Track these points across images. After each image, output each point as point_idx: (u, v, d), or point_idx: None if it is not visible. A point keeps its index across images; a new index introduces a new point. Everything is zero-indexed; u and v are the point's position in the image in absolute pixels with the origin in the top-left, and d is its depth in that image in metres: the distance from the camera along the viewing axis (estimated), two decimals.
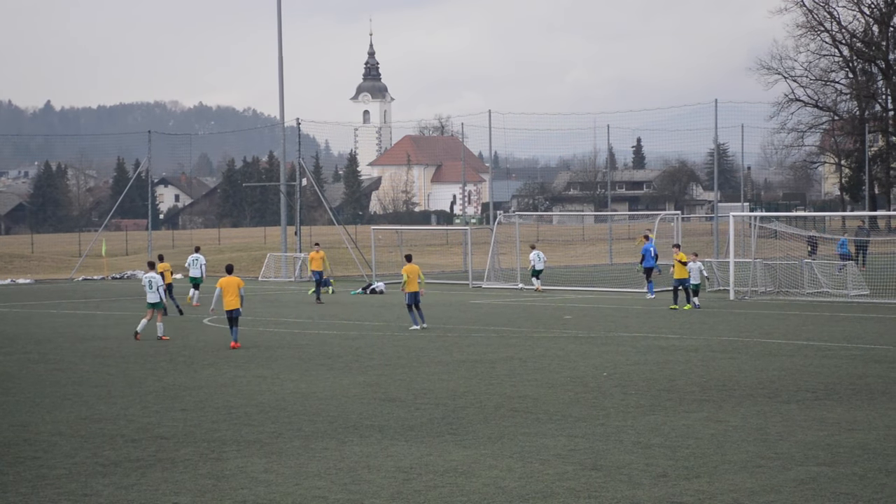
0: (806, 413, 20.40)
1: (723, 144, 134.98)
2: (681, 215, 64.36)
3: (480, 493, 14.78)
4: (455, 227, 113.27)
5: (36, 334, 36.87)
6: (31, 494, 15.21)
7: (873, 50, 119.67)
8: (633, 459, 16.69)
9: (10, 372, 27.91)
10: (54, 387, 25.23)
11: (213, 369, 27.69)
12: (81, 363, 29.25)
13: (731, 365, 27.07)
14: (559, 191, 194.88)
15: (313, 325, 38.78)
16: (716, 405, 21.34)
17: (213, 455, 17.50)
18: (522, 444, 17.92)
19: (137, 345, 33.24)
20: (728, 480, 15.30)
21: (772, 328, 35.84)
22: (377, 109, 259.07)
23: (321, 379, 25.70)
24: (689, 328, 35.73)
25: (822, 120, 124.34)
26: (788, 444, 17.63)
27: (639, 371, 26.12)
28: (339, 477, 15.86)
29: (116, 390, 24.51)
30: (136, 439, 18.86)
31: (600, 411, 20.88)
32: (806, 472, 15.72)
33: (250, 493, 15.06)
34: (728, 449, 17.34)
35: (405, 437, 18.64)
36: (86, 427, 20.08)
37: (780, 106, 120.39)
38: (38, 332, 37.37)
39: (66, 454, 17.77)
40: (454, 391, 23.51)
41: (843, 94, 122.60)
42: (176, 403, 22.55)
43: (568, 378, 25.20)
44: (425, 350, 30.97)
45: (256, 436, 19.00)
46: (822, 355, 28.77)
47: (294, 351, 31.36)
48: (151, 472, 16.38)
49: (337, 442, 18.34)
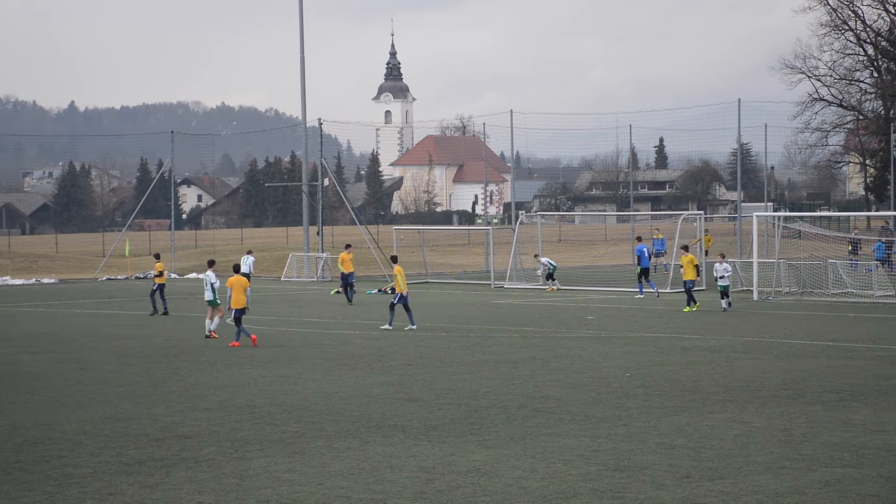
0: (831, 414, 20.34)
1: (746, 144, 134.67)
2: (703, 215, 64.26)
3: (503, 494, 14.79)
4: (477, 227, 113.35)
5: (60, 334, 37.03)
6: (56, 493, 15.28)
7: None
8: (656, 460, 16.68)
9: (35, 371, 28.04)
10: (79, 386, 25.34)
11: (236, 369, 27.77)
12: (105, 363, 29.36)
13: (755, 366, 27.02)
14: (581, 191, 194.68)
15: (335, 325, 38.84)
16: (740, 406, 21.30)
17: (237, 454, 17.54)
18: (545, 445, 17.92)
19: (161, 344, 33.35)
20: (752, 482, 15.28)
21: (796, 329, 35.75)
22: (399, 109, 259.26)
23: (344, 379, 25.74)
24: (712, 329, 35.66)
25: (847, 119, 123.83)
26: (813, 446, 17.59)
27: (662, 372, 26.10)
28: (362, 477, 15.89)
29: (140, 390, 24.59)
30: (159, 438, 18.92)
31: (623, 412, 20.87)
32: (831, 474, 15.68)
33: (273, 492, 15.10)
34: (752, 450, 17.31)
35: (428, 437, 18.65)
36: (110, 426, 20.15)
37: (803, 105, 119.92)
38: (62, 332, 37.53)
39: (90, 453, 17.84)
40: (476, 391, 23.52)
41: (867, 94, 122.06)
42: (199, 403, 22.62)
43: (591, 378, 25.19)
44: (447, 350, 30.99)
45: (279, 435, 19.03)
46: (847, 356, 28.70)
47: (316, 350, 31.42)
48: (175, 472, 16.43)
49: (360, 442, 18.37)
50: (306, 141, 74.10)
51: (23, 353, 31.90)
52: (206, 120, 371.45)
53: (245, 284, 33.04)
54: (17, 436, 19.43)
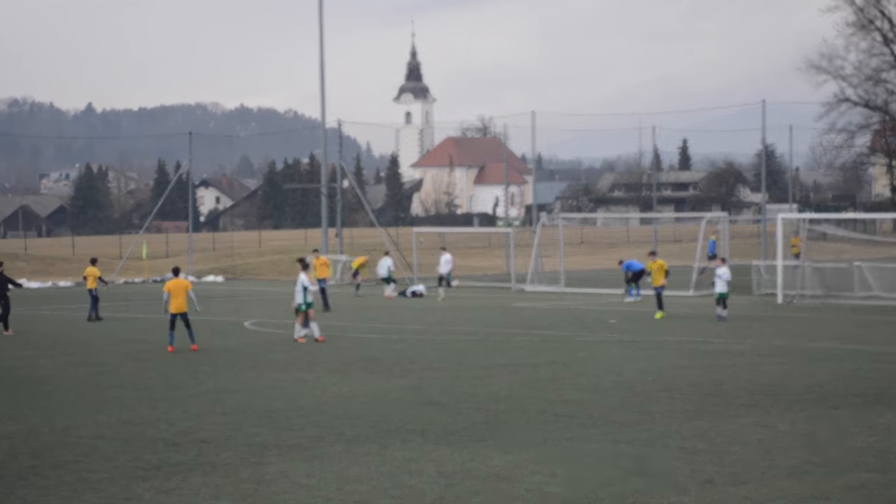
0: (856, 418, 20.30)
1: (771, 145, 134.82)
2: (728, 217, 64.20)
3: (523, 499, 14.80)
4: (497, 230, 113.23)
5: (77, 337, 37.18)
6: (72, 498, 15.33)
7: None
8: (679, 465, 16.67)
9: (51, 375, 28.15)
10: (95, 390, 25.43)
11: (254, 373, 27.83)
12: (122, 366, 29.46)
13: (779, 369, 26.98)
14: (604, 192, 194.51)
15: (354, 329, 38.90)
16: (763, 410, 21.28)
17: (254, 459, 17.58)
18: (566, 450, 17.92)
19: (178, 348, 33.39)
20: (776, 486, 15.26)
21: (820, 332, 35.69)
22: (419, 110, 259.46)
23: (362, 382, 25.77)
24: (734, 332, 35.61)
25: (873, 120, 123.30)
26: (837, 450, 17.56)
27: (684, 375, 26.07)
28: (381, 482, 15.91)
29: (157, 394, 24.66)
30: (176, 443, 18.97)
31: (645, 416, 20.85)
32: (856, 479, 15.66)
33: (291, 497, 15.13)
34: (776, 455, 17.29)
35: (447, 442, 18.66)
36: (127, 430, 20.21)
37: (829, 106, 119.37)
38: (79, 335, 37.68)
39: (107, 458, 17.89)
40: (496, 395, 23.53)
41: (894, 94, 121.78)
42: (217, 407, 22.67)
43: (612, 382, 25.18)
44: (467, 354, 31.01)
45: (297, 440, 19.07)
46: (872, 359, 28.64)
47: (335, 354, 31.46)
48: (192, 477, 16.47)
49: (378, 446, 18.39)
50: (325, 142, 74.21)
51: (40, 357, 32.05)
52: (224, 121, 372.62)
53: (187, 287, 32.29)
54: (34, 440, 19.50)
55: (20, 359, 31.70)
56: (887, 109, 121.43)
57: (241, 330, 39.19)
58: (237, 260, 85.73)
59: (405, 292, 55.78)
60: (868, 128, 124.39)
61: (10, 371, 29.11)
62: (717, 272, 39.43)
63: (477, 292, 57.97)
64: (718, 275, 39.20)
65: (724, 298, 38.78)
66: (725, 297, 38.79)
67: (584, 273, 68.86)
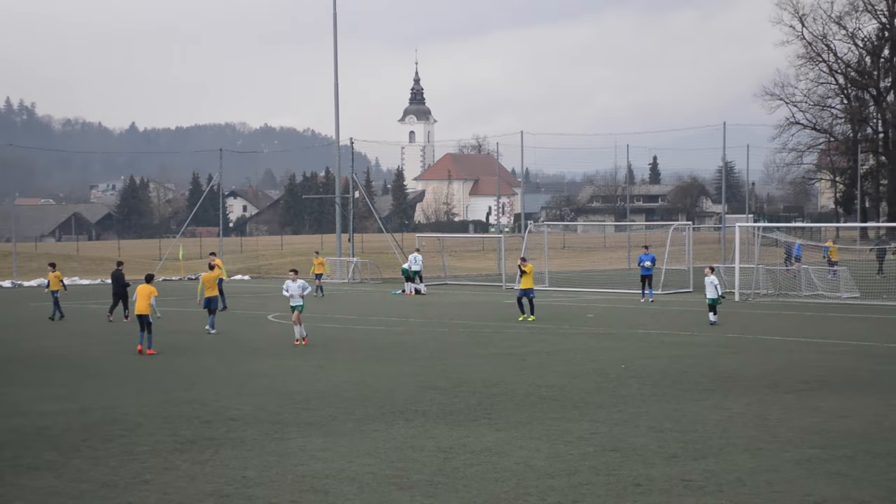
0: (802, 402, 20.36)
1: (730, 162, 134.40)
2: (692, 225, 64.21)
3: (512, 471, 14.85)
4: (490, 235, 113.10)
5: (123, 327, 37.19)
6: (119, 468, 15.39)
7: (866, 79, 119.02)
8: (647, 442, 16.73)
9: (100, 361, 28.21)
10: (138, 374, 25.48)
11: (277, 360, 27.87)
12: (162, 354, 29.47)
13: (736, 359, 27.03)
14: (583, 203, 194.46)
15: (364, 322, 38.92)
16: (721, 394, 21.33)
17: (277, 435, 17.63)
18: (549, 428, 17.97)
19: (209, 338, 33.45)
20: (732, 461, 15.32)
21: (772, 326, 35.74)
22: (422, 130, 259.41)
23: (371, 369, 25.81)
24: (698, 327, 35.66)
25: (819, 141, 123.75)
26: (786, 429, 17.61)
27: (653, 364, 26.12)
28: (387, 455, 15.96)
29: (192, 378, 24.71)
30: (209, 421, 19.02)
31: (619, 399, 20.90)
32: (801, 454, 15.72)
33: (309, 468, 15.18)
34: (732, 433, 17.35)
35: (445, 421, 18.71)
36: (166, 409, 20.27)
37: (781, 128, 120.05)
38: (123, 326, 37.67)
39: (148, 433, 17.95)
40: (488, 380, 23.58)
41: (838, 118, 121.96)
42: (244, 389, 22.72)
43: (590, 369, 25.23)
44: (463, 344, 31.04)
45: (314, 418, 19.11)
46: (816, 350, 28.69)
47: (347, 344, 31.50)
48: (223, 450, 16.52)
49: (385, 424, 18.44)
50: (339, 158, 74.23)
51: (89, 345, 32.08)
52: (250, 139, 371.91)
53: (151, 293, 29.90)
54: (85, 417, 19.56)
55: (72, 346, 31.75)
56: (832, 132, 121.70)
57: (265, 322, 39.23)
58: (261, 261, 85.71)
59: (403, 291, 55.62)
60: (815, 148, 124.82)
61: (64, 357, 29.16)
62: (706, 280, 36.87)
63: (472, 290, 57.94)
64: (707, 282, 36.69)
65: (715, 304, 36.31)
66: (716, 303, 36.42)
67: (566, 274, 68.86)
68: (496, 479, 14.36)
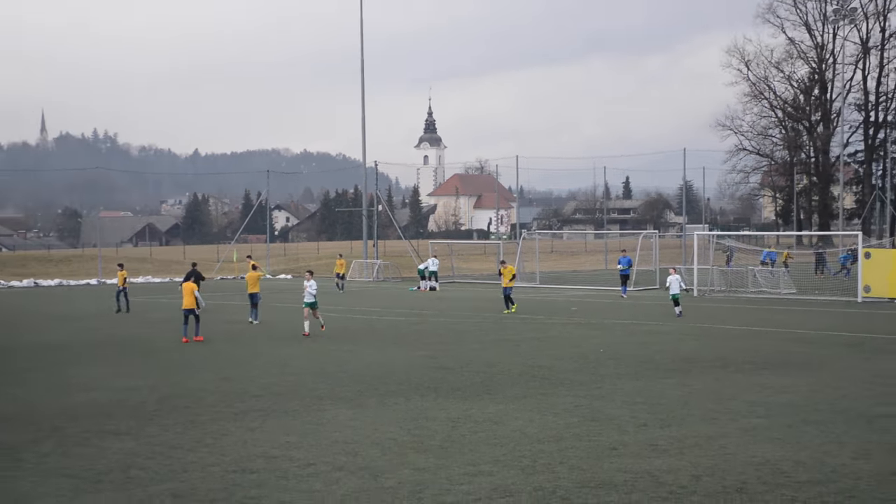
0: (749, 379, 20.30)
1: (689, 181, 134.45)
2: (658, 234, 64.08)
3: (509, 437, 14.82)
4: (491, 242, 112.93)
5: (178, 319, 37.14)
6: (184, 433, 15.39)
7: (800, 113, 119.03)
8: (621, 413, 16.68)
9: (165, 346, 28.22)
10: (199, 357, 25.48)
11: (315, 345, 27.86)
12: (217, 340, 29.51)
13: (695, 344, 26.97)
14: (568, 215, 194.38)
15: (387, 313, 38.91)
16: (683, 374, 21.28)
17: (314, 407, 17.61)
18: (539, 402, 17.93)
19: (254, 327, 33.44)
20: (692, 428, 15.26)
21: (725, 317, 35.66)
22: (434, 154, 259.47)
23: (392, 352, 25.80)
24: (664, 317, 35.59)
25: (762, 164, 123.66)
26: (736, 402, 17.56)
27: (627, 348, 26.07)
28: (406, 424, 15.93)
29: (243, 359, 24.71)
30: (258, 395, 19.01)
31: (597, 378, 20.86)
32: (748, 423, 15.66)
33: (341, 435, 15.16)
34: (692, 406, 17.29)
35: (454, 396, 18.68)
36: (223, 386, 20.26)
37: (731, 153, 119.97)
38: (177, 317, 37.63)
39: (208, 405, 17.95)
40: (490, 362, 23.55)
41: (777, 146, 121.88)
42: (287, 369, 22.71)
43: (574, 353, 25.18)
44: (469, 332, 31.01)
45: (345, 393, 19.09)
46: (760, 337, 28.62)
47: (372, 332, 31.48)
48: (270, 419, 16.51)
49: (404, 399, 18.41)
50: (366, 177, 74.26)
51: (157, 332, 32.09)
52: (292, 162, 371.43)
53: (193, 289, 29.36)
54: (156, 392, 19.57)
55: (142, 333, 31.77)
56: (772, 156, 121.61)
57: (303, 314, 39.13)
58: (301, 262, 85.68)
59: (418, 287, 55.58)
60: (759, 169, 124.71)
61: (135, 343, 29.18)
62: (670, 278, 36.62)
63: (475, 287, 57.90)
64: (670, 281, 36.63)
65: (676, 299, 36.19)
66: (678, 298, 36.30)
67: (554, 273, 68.79)
68: (496, 444, 14.33)
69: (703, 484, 11.82)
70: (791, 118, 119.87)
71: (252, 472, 12.73)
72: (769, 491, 11.47)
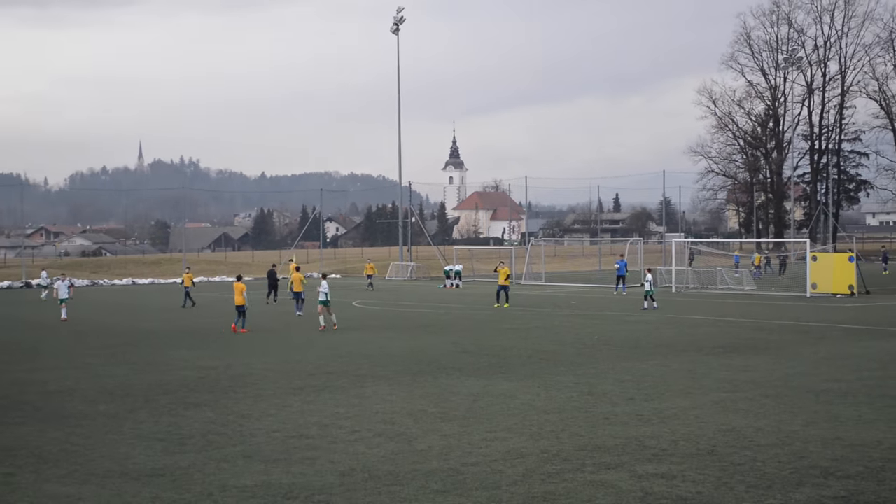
0: (718, 361, 20.13)
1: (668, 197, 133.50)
2: (642, 241, 63.83)
3: (520, 409, 14.75)
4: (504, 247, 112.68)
5: (252, 311, 37.22)
6: (252, 405, 15.41)
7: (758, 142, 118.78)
8: (613, 389, 16.57)
9: (238, 335, 28.26)
10: (264, 344, 25.52)
11: (359, 333, 27.86)
12: (281, 330, 29.55)
13: (673, 332, 26.79)
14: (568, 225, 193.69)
15: (418, 307, 38.88)
16: (663, 356, 21.13)
17: (358, 384, 17.59)
18: (545, 380, 17.85)
19: (299, 318, 33.47)
20: (671, 402, 15.14)
21: (697, 309, 35.40)
22: (458, 175, 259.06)
23: (423, 339, 25.76)
24: (647, 310, 35.35)
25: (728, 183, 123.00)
26: (708, 380, 17.41)
27: (617, 335, 25.93)
28: (434, 398, 15.89)
29: (300, 345, 24.74)
30: (312, 374, 19.01)
31: (593, 360, 20.75)
32: (718, 397, 15.51)
33: (381, 407, 15.13)
34: (671, 383, 17.16)
35: (474, 375, 18.62)
36: (283, 367, 20.28)
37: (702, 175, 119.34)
38: (253, 309, 37.74)
39: (272, 382, 17.96)
40: (504, 346, 23.48)
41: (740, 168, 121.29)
42: (336, 353, 22.71)
43: (573, 339, 25.07)
44: (487, 322, 30.93)
45: (384, 373, 19.07)
46: (727, 325, 28.40)
47: (407, 322, 31.45)
48: (323, 394, 16.50)
49: (432, 377, 18.37)
50: (402, 195, 74.45)
51: (227, 323, 32.11)
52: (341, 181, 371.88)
53: (242, 289, 28.26)
54: (230, 371, 19.61)
55: (216, 324, 31.83)
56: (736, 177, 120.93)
57: (351, 307, 39.24)
58: (348, 265, 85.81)
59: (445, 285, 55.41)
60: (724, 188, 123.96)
61: (210, 331, 29.26)
62: (644, 278, 36.67)
63: (492, 285, 57.71)
64: (645, 280, 36.61)
65: (650, 294, 36.04)
66: (651, 294, 36.14)
67: (557, 273, 68.49)
68: (509, 415, 14.27)
69: (680, 447, 11.72)
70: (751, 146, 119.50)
71: (308, 437, 12.72)
72: (735, 453, 11.37)
